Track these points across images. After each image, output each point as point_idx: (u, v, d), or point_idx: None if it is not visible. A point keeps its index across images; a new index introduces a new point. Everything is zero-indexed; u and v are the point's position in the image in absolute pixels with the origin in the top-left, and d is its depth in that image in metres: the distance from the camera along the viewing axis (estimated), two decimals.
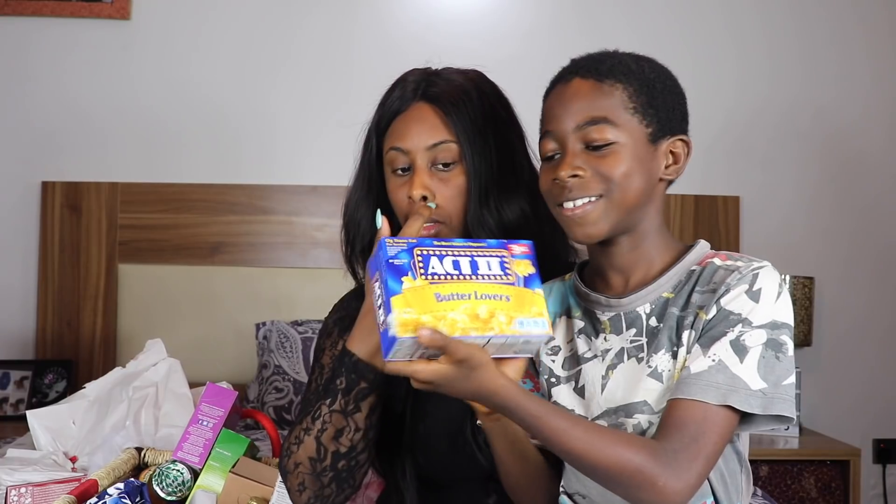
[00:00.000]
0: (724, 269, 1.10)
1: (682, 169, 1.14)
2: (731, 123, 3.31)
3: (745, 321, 1.06)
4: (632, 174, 1.09)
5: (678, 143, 1.13)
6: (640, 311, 1.13)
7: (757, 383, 1.04)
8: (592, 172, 1.08)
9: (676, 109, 1.14)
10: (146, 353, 2.04)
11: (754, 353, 1.05)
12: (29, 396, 3.03)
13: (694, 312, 1.09)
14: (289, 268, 3.21)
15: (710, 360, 1.05)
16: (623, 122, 1.09)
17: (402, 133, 1.30)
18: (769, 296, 1.07)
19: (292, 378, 2.91)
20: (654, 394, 1.09)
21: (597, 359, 1.15)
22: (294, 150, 3.27)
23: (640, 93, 1.10)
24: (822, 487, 2.90)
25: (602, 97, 1.09)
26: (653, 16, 3.28)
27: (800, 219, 3.32)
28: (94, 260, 3.18)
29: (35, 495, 1.54)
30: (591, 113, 1.09)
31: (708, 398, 1.03)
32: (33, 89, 3.23)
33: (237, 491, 1.47)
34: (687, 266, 1.13)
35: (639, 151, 1.09)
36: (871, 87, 3.34)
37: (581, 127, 1.09)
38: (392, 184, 1.31)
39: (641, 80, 1.11)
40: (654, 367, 1.10)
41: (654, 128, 1.10)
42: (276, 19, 3.26)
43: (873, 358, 3.28)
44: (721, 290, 1.07)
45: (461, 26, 3.24)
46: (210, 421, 1.59)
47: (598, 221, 1.09)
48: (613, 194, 1.09)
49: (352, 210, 1.37)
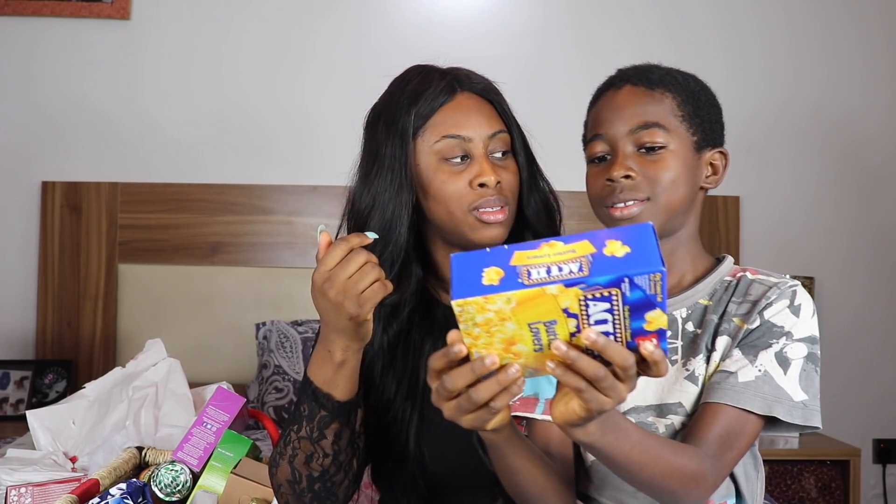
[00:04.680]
0: (760, 283, 1.15)
1: (720, 180, 1.20)
2: (731, 123, 3.27)
3: (787, 334, 1.11)
4: (678, 179, 1.13)
5: (717, 155, 1.19)
6: (676, 315, 1.16)
7: (799, 395, 1.09)
8: (642, 175, 1.12)
9: (717, 122, 1.20)
10: (146, 353, 2.04)
11: (796, 366, 1.10)
12: (29, 396, 3.02)
13: (729, 321, 1.13)
14: (289, 268, 3.21)
15: (757, 370, 1.09)
16: (673, 127, 1.14)
17: (457, 122, 1.28)
18: (807, 312, 1.13)
19: (292, 378, 2.91)
20: (690, 396, 1.13)
21: None
22: (294, 150, 3.27)
23: (686, 102, 1.16)
24: (822, 487, 2.90)
25: (654, 103, 1.14)
26: (648, 16, 3.28)
27: (799, 218, 3.33)
28: (94, 260, 3.18)
29: (35, 495, 1.54)
30: (644, 118, 1.14)
31: (754, 408, 1.07)
32: (33, 89, 3.23)
33: (238, 492, 1.47)
34: (721, 276, 1.18)
35: (686, 158, 1.15)
36: (870, 86, 3.34)
37: (634, 131, 1.13)
38: (443, 174, 1.28)
39: (688, 91, 1.17)
40: (691, 370, 1.13)
41: (699, 137, 1.16)
42: (276, 19, 3.26)
43: (873, 358, 3.28)
44: (762, 303, 1.12)
45: (461, 26, 3.24)
46: (214, 425, 1.59)
47: (644, 220, 1.10)
48: (660, 198, 1.13)
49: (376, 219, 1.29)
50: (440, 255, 1.35)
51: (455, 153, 1.28)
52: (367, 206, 1.30)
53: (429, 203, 1.29)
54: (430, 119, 1.28)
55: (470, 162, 1.27)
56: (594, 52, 3.23)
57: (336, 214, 1.39)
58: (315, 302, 1.15)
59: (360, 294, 1.11)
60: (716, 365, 1.11)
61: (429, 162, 1.28)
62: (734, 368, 1.09)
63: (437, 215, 1.30)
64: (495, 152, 1.29)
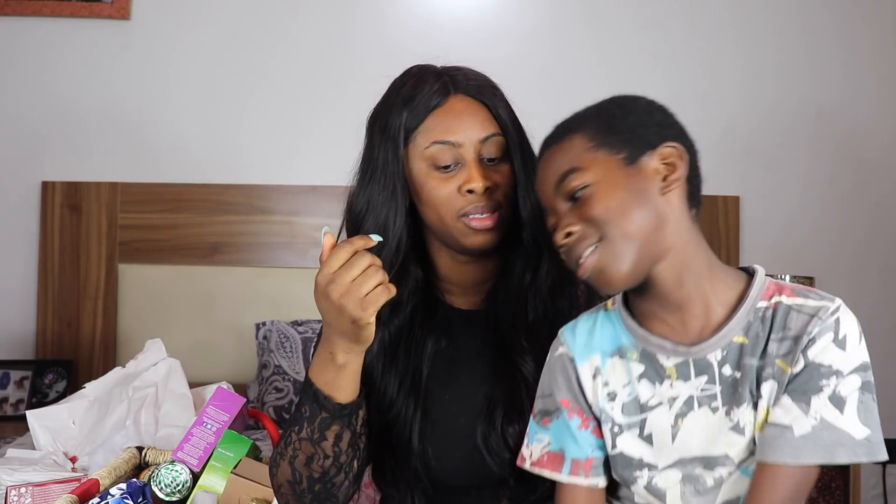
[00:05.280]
0: (799, 313, 1.05)
1: (683, 174, 1.09)
2: (731, 123, 3.31)
3: (837, 372, 1.03)
4: (618, 204, 1.04)
5: (664, 152, 1.08)
6: (711, 359, 1.06)
7: (860, 431, 1.02)
8: (581, 222, 1.05)
9: (648, 124, 1.09)
10: (146, 353, 2.05)
11: (852, 401, 1.03)
12: (29, 396, 3.02)
13: (772, 363, 1.04)
14: (289, 268, 3.21)
15: (813, 419, 1.01)
16: (587, 162, 1.06)
17: (448, 127, 1.26)
18: (854, 339, 1.06)
19: (292, 378, 2.91)
20: (736, 448, 1.06)
21: (662, 406, 1.08)
22: (294, 150, 3.27)
23: (597, 129, 1.08)
24: (822, 487, 2.90)
25: (563, 153, 1.08)
26: (655, 17, 3.28)
27: (800, 218, 3.32)
28: (94, 260, 3.18)
29: (35, 495, 1.54)
30: (558, 172, 1.08)
31: (816, 460, 1.01)
32: (33, 89, 3.23)
33: (238, 492, 1.47)
34: (754, 302, 1.07)
35: (617, 179, 1.05)
36: (873, 87, 3.34)
37: (557, 187, 1.07)
38: (433, 180, 1.26)
39: (596, 117, 1.10)
40: (735, 421, 1.05)
41: (626, 151, 1.07)
42: (276, 19, 3.26)
43: (874, 358, 3.25)
44: (804, 341, 1.03)
45: (461, 25, 3.23)
46: (214, 425, 1.59)
47: (612, 263, 1.04)
48: (611, 232, 1.04)
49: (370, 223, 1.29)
50: (439, 257, 1.34)
51: (445, 159, 1.25)
52: (362, 209, 1.30)
53: (422, 207, 1.29)
54: (422, 124, 1.27)
55: (460, 167, 1.26)
56: (603, 53, 3.22)
57: (336, 214, 1.39)
58: (318, 304, 1.15)
59: (364, 297, 1.11)
60: (765, 413, 1.04)
61: (420, 167, 1.27)
62: (788, 421, 1.02)
63: (430, 220, 1.29)
64: (488, 157, 1.27)
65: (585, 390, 1.13)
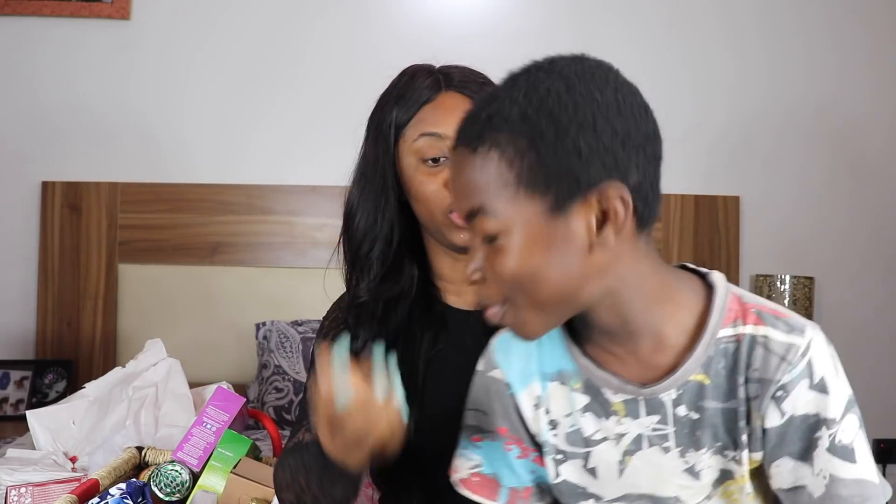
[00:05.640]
0: (766, 350, 0.89)
1: (624, 224, 0.84)
2: (731, 123, 3.31)
3: (827, 421, 0.88)
4: (532, 268, 0.84)
5: (602, 197, 0.83)
6: (665, 398, 0.91)
7: (876, 476, 0.90)
8: (490, 269, 0.87)
9: (590, 149, 0.82)
10: (146, 353, 2.05)
11: (860, 445, 0.90)
12: (29, 396, 3.02)
13: (745, 405, 0.90)
14: (289, 268, 3.21)
15: (822, 478, 0.88)
16: (501, 207, 0.84)
17: (435, 120, 1.27)
18: (832, 377, 0.89)
19: (292, 378, 2.91)
20: (688, 491, 0.94)
21: (609, 441, 0.95)
22: (294, 150, 3.27)
23: (518, 153, 0.83)
24: None
25: (476, 172, 0.85)
26: (652, 17, 3.28)
27: (800, 218, 3.33)
28: (94, 260, 3.18)
29: (35, 495, 1.54)
30: (469, 202, 0.86)
31: None
32: (33, 89, 3.23)
33: (238, 491, 1.47)
34: (714, 333, 0.90)
35: (535, 235, 0.84)
36: (871, 86, 3.34)
37: (468, 220, 0.88)
38: (421, 175, 1.27)
39: (520, 130, 0.83)
40: (691, 464, 0.93)
41: (552, 195, 0.83)
42: (276, 19, 3.26)
43: (873, 358, 3.28)
44: (773, 390, 0.88)
45: (465, 26, 3.24)
46: (214, 425, 1.59)
47: (520, 327, 0.89)
48: (517, 299, 0.87)
49: (361, 222, 1.31)
50: (435, 254, 1.35)
51: (432, 152, 1.26)
52: (354, 206, 1.32)
53: (413, 203, 1.30)
54: (412, 118, 1.28)
55: (447, 163, 1.26)
56: (601, 53, 3.21)
57: (336, 214, 1.40)
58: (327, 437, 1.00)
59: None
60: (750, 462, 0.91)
61: (409, 162, 1.28)
62: (801, 482, 0.89)
63: (421, 216, 1.30)
64: None
65: (527, 421, 0.99)
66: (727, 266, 3.20)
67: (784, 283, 3.09)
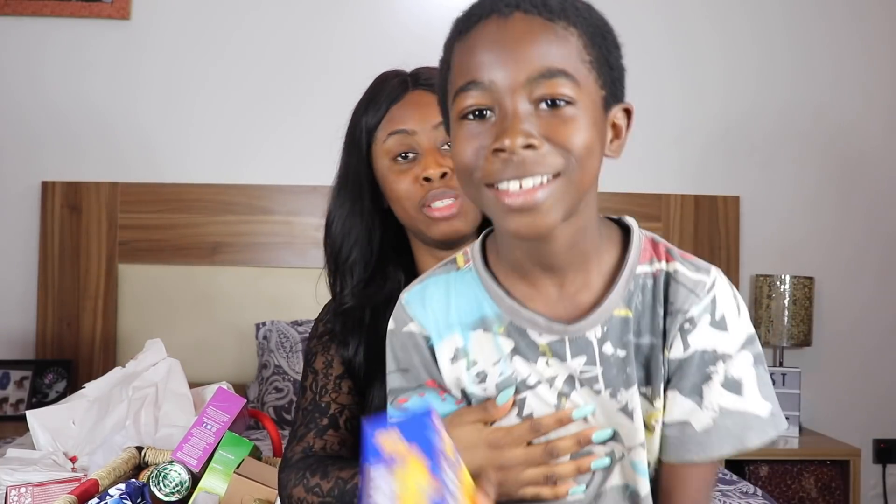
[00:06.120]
0: (678, 284, 0.92)
1: (623, 144, 0.92)
2: (731, 123, 3.31)
3: (723, 356, 0.92)
4: (593, 147, 0.86)
5: (620, 114, 0.91)
6: (590, 336, 0.92)
7: (764, 408, 0.93)
8: (547, 142, 0.84)
9: (622, 70, 0.92)
10: (146, 353, 2.05)
11: (749, 380, 0.92)
12: (29, 396, 3.02)
13: (664, 339, 0.93)
14: (289, 268, 3.21)
15: (711, 411, 0.92)
16: (581, 77, 0.85)
17: (403, 117, 1.28)
18: (732, 315, 0.93)
19: (292, 378, 2.91)
20: (624, 429, 0.94)
21: (542, 384, 0.94)
22: (294, 150, 3.27)
23: (593, 44, 0.87)
24: (822, 487, 2.90)
25: (557, 42, 0.85)
26: (651, 16, 3.28)
27: (800, 218, 3.33)
28: (94, 260, 3.18)
29: (35, 495, 1.54)
30: (545, 62, 0.84)
31: (725, 451, 0.93)
32: (34, 89, 3.22)
33: (241, 492, 1.47)
34: (632, 269, 0.93)
35: (596, 119, 0.87)
36: (870, 87, 3.34)
37: (533, 80, 0.84)
38: (393, 174, 1.29)
39: (593, 27, 0.89)
40: (624, 403, 0.93)
41: (606, 91, 0.88)
42: (276, 19, 3.26)
43: (873, 358, 3.28)
44: (685, 324, 0.91)
45: None
46: (214, 425, 1.59)
47: (551, 210, 0.85)
48: (573, 173, 0.85)
49: (337, 229, 1.34)
50: (421, 257, 1.35)
51: (401, 148, 1.28)
52: (332, 213, 1.36)
53: (392, 205, 1.31)
54: (382, 120, 1.30)
55: (418, 158, 1.28)
56: None
57: None
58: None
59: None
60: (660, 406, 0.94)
61: (383, 164, 1.30)
62: (685, 417, 0.92)
63: (400, 216, 1.31)
64: (444, 143, 1.28)
65: (443, 374, 0.97)
66: (727, 266, 3.20)
67: (784, 283, 3.08)
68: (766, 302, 3.08)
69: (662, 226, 3.20)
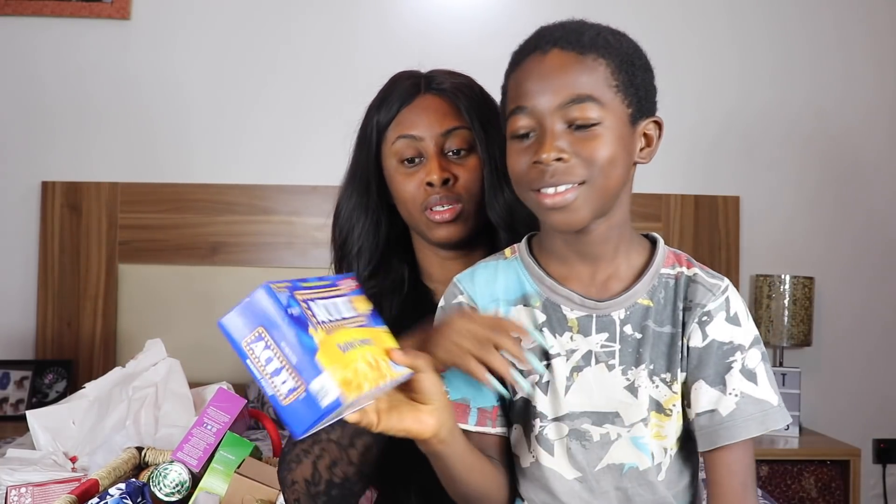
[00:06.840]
0: (696, 284, 1.09)
1: (654, 152, 1.09)
2: (732, 124, 3.31)
3: (738, 347, 1.07)
4: (616, 158, 1.03)
5: (651, 126, 1.08)
6: (615, 317, 1.08)
7: (775, 398, 1.07)
8: (575, 156, 1.02)
9: (651, 88, 1.09)
10: (146, 353, 2.04)
11: (761, 373, 1.07)
12: (29, 396, 3.02)
13: (681, 330, 1.08)
14: (289, 268, 3.21)
15: (734, 395, 1.06)
16: (607, 100, 1.02)
17: (412, 122, 1.31)
18: (743, 316, 1.09)
19: None
20: (628, 408, 1.07)
21: (561, 357, 1.09)
22: (294, 150, 3.27)
23: (620, 70, 1.04)
24: (822, 487, 2.90)
25: (586, 72, 1.03)
26: (653, 17, 3.28)
27: (800, 219, 3.32)
28: (94, 260, 3.18)
29: (35, 495, 1.54)
30: (575, 90, 1.02)
31: (752, 432, 1.06)
32: (33, 89, 3.22)
33: (242, 491, 1.46)
34: (658, 269, 1.10)
35: (622, 133, 1.04)
36: (871, 88, 3.34)
37: (564, 105, 1.02)
38: (399, 175, 1.32)
39: (621, 55, 1.05)
40: (631, 381, 1.07)
41: (633, 108, 1.05)
42: (277, 19, 3.26)
43: (873, 358, 3.28)
44: (703, 317, 1.07)
45: (464, 25, 3.23)
46: (214, 425, 1.59)
47: (580, 209, 1.03)
48: (596, 181, 1.03)
49: (344, 220, 1.37)
50: (422, 254, 1.39)
51: (409, 153, 1.31)
52: (341, 204, 1.38)
53: (396, 204, 1.35)
54: (392, 121, 1.33)
55: (424, 162, 1.31)
56: None
57: None
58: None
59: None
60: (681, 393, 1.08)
61: (390, 164, 1.33)
62: (712, 405, 1.06)
63: (404, 216, 1.35)
64: (452, 149, 1.31)
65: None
66: (727, 266, 3.20)
67: (784, 283, 3.08)
68: (766, 302, 3.08)
69: (662, 226, 3.20)
